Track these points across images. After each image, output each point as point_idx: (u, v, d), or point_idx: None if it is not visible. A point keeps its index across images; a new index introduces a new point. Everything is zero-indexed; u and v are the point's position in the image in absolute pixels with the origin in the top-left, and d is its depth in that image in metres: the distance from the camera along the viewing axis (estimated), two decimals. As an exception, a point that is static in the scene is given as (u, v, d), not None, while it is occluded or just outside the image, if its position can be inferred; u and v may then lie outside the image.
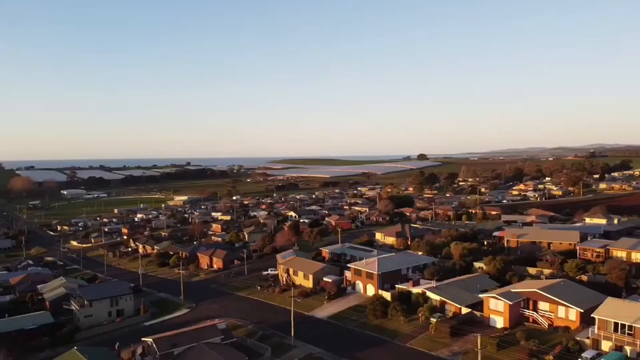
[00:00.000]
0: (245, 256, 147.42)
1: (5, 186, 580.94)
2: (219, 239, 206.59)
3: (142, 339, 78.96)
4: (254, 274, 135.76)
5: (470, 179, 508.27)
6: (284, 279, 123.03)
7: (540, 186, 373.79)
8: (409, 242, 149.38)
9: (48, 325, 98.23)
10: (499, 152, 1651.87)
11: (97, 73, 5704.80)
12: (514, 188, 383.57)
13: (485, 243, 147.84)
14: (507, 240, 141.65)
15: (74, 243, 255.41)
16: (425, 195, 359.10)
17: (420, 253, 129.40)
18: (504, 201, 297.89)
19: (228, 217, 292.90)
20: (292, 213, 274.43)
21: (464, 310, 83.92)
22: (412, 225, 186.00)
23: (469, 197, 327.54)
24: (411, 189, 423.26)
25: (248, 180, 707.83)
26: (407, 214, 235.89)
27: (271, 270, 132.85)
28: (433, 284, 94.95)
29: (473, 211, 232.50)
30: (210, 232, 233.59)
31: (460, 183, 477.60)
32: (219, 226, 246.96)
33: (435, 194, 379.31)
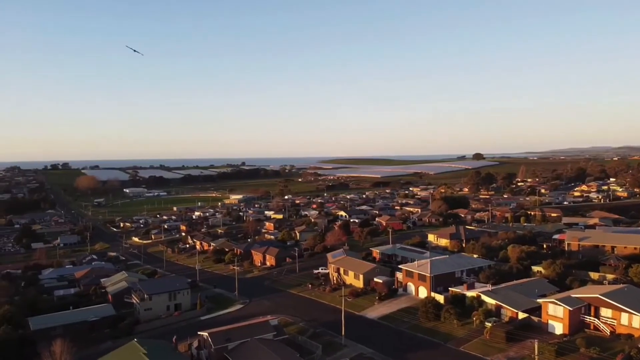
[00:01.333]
0: (296, 254, 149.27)
1: (72, 185, 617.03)
2: (272, 237, 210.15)
3: (198, 332, 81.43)
4: (304, 272, 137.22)
5: (529, 180, 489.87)
6: (335, 278, 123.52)
7: (604, 187, 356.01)
8: (464, 244, 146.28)
9: (110, 317, 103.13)
10: (560, 152, 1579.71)
11: (157, 77, 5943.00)
12: (575, 189, 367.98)
13: (545, 246, 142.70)
14: (568, 244, 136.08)
15: (135, 239, 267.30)
16: (481, 196, 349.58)
17: (475, 256, 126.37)
18: (565, 203, 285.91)
19: (280, 216, 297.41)
20: (342, 213, 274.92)
21: (521, 315, 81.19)
22: (467, 227, 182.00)
23: (527, 199, 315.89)
24: (466, 189, 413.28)
25: (299, 179, 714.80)
26: (462, 216, 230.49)
27: (322, 269, 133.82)
28: (488, 287, 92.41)
29: (532, 213, 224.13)
30: (263, 230, 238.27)
31: (519, 183, 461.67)
32: (272, 224, 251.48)
33: (492, 194, 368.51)
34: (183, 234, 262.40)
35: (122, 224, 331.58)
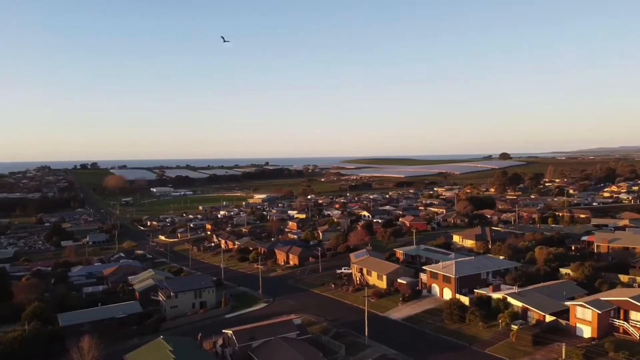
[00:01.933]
0: (319, 254, 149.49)
1: (100, 184, 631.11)
2: (295, 236, 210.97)
3: (223, 330, 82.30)
4: (327, 272, 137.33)
5: (557, 180, 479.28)
6: (358, 278, 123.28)
7: (635, 188, 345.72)
8: (490, 246, 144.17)
9: (137, 314, 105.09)
10: (589, 151, 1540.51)
11: (184, 78, 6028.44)
12: (605, 190, 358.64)
13: (573, 248, 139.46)
14: (597, 246, 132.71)
15: (162, 238, 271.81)
16: (507, 197, 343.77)
17: (501, 257, 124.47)
18: (594, 204, 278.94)
19: (303, 216, 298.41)
20: (365, 213, 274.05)
21: (548, 318, 79.60)
22: (493, 227, 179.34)
23: (555, 199, 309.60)
24: (492, 189, 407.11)
25: (322, 179, 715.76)
26: (488, 216, 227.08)
27: (345, 269, 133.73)
28: (515, 289, 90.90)
29: (560, 214, 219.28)
30: (286, 230, 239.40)
31: (547, 184, 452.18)
32: (295, 224, 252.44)
33: (519, 195, 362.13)
34: (208, 232, 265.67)
35: (149, 223, 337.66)
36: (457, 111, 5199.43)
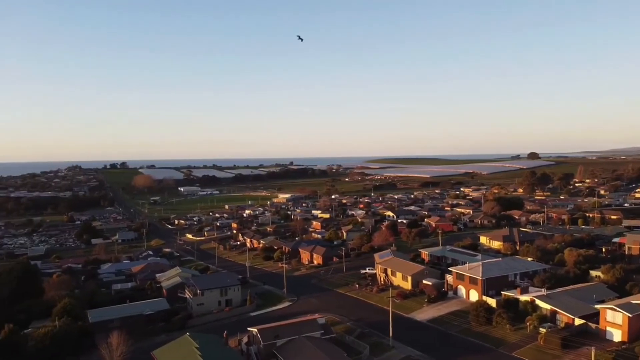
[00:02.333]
0: (343, 254, 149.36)
1: (129, 183, 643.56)
2: (319, 236, 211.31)
3: (248, 328, 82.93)
4: (351, 272, 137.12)
5: (587, 180, 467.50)
6: (382, 279, 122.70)
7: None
8: (518, 247, 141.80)
9: (164, 311, 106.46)
10: (620, 151, 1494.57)
11: (210, 79, 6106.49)
12: (637, 190, 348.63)
13: (604, 250, 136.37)
14: (629, 247, 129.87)
15: (189, 236, 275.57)
16: (536, 197, 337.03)
17: (529, 259, 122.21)
18: (626, 205, 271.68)
19: (327, 215, 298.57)
20: (389, 213, 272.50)
21: (577, 321, 77.83)
22: (521, 229, 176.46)
23: (585, 200, 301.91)
24: (520, 190, 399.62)
25: (346, 179, 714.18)
26: (516, 217, 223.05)
27: (369, 269, 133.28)
28: (543, 292, 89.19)
29: (590, 215, 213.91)
30: (310, 229, 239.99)
31: (577, 184, 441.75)
32: (319, 224, 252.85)
33: (548, 195, 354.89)
34: (234, 231, 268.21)
35: (176, 222, 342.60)
36: (485, 110, 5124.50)
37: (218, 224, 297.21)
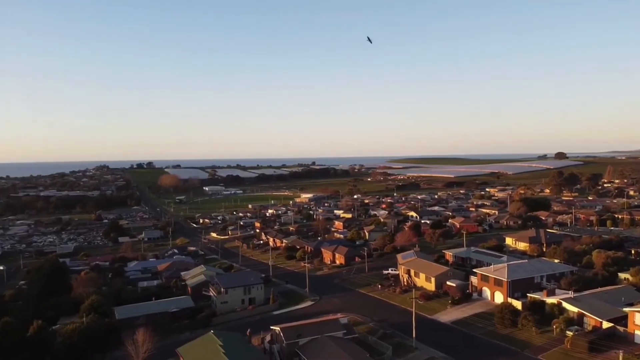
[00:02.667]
0: (366, 254, 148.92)
1: (155, 183, 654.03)
2: (341, 235, 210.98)
3: (271, 327, 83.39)
4: (374, 272, 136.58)
5: (616, 181, 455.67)
6: (405, 280, 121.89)
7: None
8: (544, 249, 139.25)
9: (189, 309, 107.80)
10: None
11: (232, 76, 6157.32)
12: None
13: (633, 252, 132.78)
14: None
15: (213, 235, 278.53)
16: (563, 198, 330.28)
17: (556, 261, 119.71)
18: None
19: (349, 215, 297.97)
20: (412, 213, 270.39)
21: (605, 325, 76.01)
22: (548, 230, 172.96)
23: (614, 201, 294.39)
24: (547, 190, 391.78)
25: (368, 179, 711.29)
26: (542, 218, 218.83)
27: (392, 270, 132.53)
28: (570, 294, 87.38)
29: (619, 216, 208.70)
30: (332, 229, 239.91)
31: (605, 185, 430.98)
32: (341, 223, 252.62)
33: (576, 196, 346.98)
34: (257, 230, 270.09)
35: (201, 220, 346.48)
36: (511, 109, 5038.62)
37: (242, 223, 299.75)
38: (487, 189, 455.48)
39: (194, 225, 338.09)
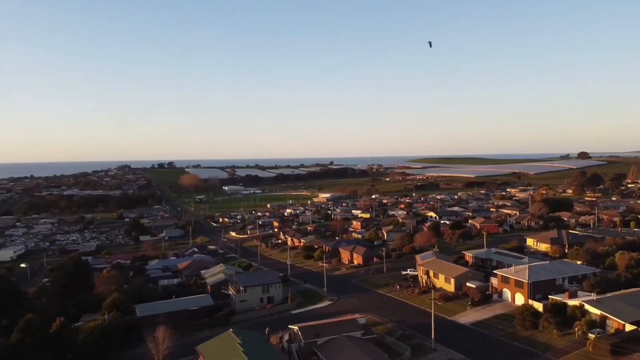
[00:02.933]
0: (384, 254, 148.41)
1: (176, 182, 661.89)
2: (359, 235, 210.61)
3: (289, 326, 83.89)
4: (392, 273, 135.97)
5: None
6: (424, 281, 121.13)
7: None
8: (566, 250, 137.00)
9: (208, 307, 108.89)
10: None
11: (253, 75, 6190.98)
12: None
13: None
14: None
15: (233, 234, 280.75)
16: (586, 199, 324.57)
17: (578, 262, 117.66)
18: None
19: (367, 215, 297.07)
20: (431, 213, 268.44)
21: (628, 327, 74.36)
22: (570, 231, 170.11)
23: (639, 201, 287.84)
24: (570, 191, 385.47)
25: (387, 179, 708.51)
26: (565, 219, 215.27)
27: (410, 271, 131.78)
28: (593, 296, 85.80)
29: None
30: (350, 229, 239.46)
31: (629, 185, 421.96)
32: (359, 223, 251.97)
33: (599, 197, 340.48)
34: (275, 230, 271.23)
35: (221, 220, 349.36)
36: (532, 108, 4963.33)
37: (260, 222, 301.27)
38: (508, 189, 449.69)
39: (214, 224, 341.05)
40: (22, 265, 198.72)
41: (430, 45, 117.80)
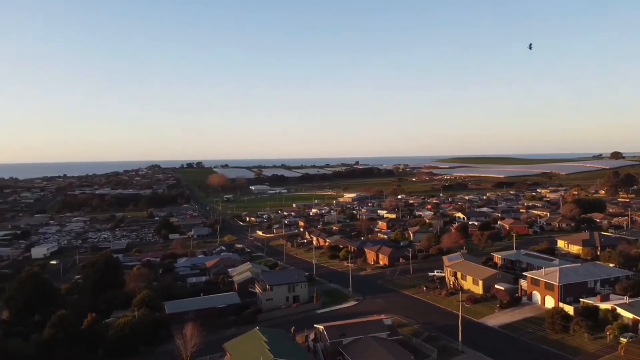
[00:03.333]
0: (410, 255, 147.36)
1: (204, 182, 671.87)
2: (384, 236, 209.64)
3: (315, 325, 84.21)
4: (418, 274, 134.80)
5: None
6: (451, 282, 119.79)
7: None
8: (598, 252, 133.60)
9: (235, 305, 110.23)
10: None
11: (286, 72, 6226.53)
12: None
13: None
14: None
15: (259, 233, 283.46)
16: (619, 200, 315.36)
17: (611, 265, 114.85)
18: None
19: (393, 216, 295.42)
20: (459, 214, 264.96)
21: (664, 333, 72.23)
22: (603, 233, 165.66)
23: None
24: (602, 191, 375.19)
25: (413, 179, 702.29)
26: (597, 220, 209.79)
27: (437, 272, 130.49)
28: (625, 300, 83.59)
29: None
30: (375, 229, 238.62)
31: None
32: (385, 224, 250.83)
33: (632, 198, 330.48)
34: (301, 229, 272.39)
35: (247, 219, 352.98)
36: (564, 107, 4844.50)
37: (286, 222, 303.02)
38: (538, 190, 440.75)
39: (241, 223, 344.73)
40: (53, 262, 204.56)
41: (530, 47, 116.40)
